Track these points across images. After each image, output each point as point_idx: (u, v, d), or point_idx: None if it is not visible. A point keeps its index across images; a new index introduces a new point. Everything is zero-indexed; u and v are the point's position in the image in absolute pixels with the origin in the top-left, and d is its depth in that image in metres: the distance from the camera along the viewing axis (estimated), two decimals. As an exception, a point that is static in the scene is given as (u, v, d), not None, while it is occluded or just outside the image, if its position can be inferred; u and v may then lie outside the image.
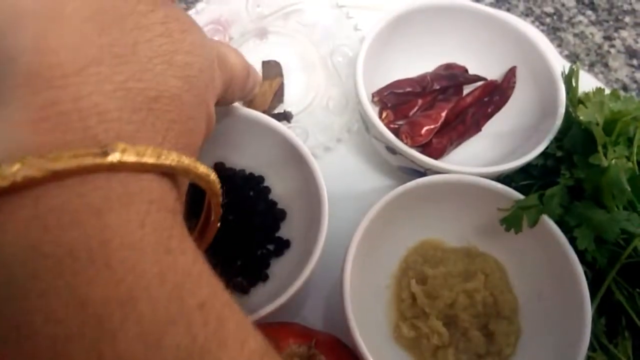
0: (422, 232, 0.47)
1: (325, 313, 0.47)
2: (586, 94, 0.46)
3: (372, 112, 0.46)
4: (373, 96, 0.50)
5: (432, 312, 0.43)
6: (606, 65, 0.59)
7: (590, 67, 0.59)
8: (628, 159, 0.42)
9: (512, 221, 0.42)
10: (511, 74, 0.51)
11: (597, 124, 0.41)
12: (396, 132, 0.48)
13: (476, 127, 0.51)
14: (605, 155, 0.41)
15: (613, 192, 0.40)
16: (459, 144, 0.50)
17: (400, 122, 0.50)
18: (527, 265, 0.44)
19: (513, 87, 0.51)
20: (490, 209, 0.43)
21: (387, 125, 0.48)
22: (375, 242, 0.43)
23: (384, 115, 0.50)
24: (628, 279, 0.41)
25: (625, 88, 0.58)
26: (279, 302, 0.38)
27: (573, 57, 0.59)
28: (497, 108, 0.51)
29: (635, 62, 0.59)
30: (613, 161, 0.40)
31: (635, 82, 0.58)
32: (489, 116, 0.51)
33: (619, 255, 0.41)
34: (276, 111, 0.52)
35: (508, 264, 0.45)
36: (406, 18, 0.50)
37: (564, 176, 0.42)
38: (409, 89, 0.51)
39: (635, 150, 0.43)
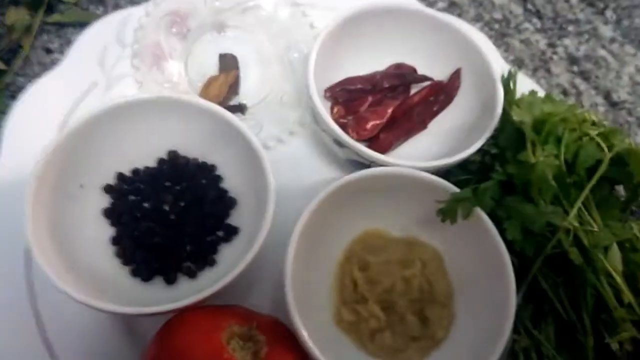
0: (367, 222, 0.49)
1: (273, 298, 0.48)
2: (522, 96, 0.49)
3: (321, 106, 0.48)
4: (325, 92, 0.52)
5: (371, 297, 0.45)
6: (548, 70, 0.63)
7: (534, 71, 0.62)
8: (557, 157, 0.45)
9: (447, 212, 0.44)
10: (456, 76, 0.54)
11: (527, 124, 0.44)
12: (345, 127, 0.50)
13: (422, 125, 0.53)
14: (534, 153, 0.44)
15: (540, 187, 0.43)
16: (405, 140, 0.53)
17: (351, 117, 0.52)
18: (461, 254, 0.47)
19: (457, 89, 0.54)
20: (430, 201, 0.46)
21: (337, 120, 0.50)
22: (321, 230, 0.45)
23: (335, 110, 0.52)
24: (553, 268, 0.44)
25: (565, 92, 0.61)
26: (222, 284, 0.40)
27: (518, 62, 0.62)
28: (442, 107, 0.54)
29: (575, 68, 0.63)
30: (541, 158, 0.43)
31: (575, 87, 0.62)
32: (434, 114, 0.54)
33: (545, 246, 0.44)
34: (231, 103, 0.54)
35: (445, 253, 0.48)
36: (359, 18, 0.52)
37: (497, 172, 0.45)
38: (359, 86, 0.53)
39: (563, 149, 0.46)
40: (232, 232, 0.47)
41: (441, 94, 0.54)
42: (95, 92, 0.53)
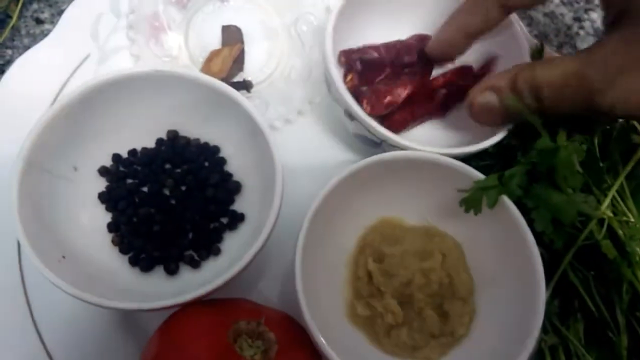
0: (382, 210, 0.46)
1: (281, 289, 0.46)
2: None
3: (336, 70, 0.43)
4: (340, 55, 0.48)
5: (387, 290, 0.42)
6: (574, 46, 0.59)
7: (559, 47, 0.58)
8: (588, 140, 0.42)
9: (471, 202, 0.41)
10: (492, 64, 0.49)
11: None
12: (360, 97, 0.46)
13: (444, 110, 0.49)
14: (553, 139, 0.40)
15: (565, 174, 0.40)
16: (422, 122, 0.49)
17: (365, 88, 0.48)
18: (485, 246, 0.43)
19: None
20: (451, 188, 0.42)
21: (350, 88, 0.45)
22: (333, 218, 0.42)
23: (348, 77, 0.48)
24: (583, 261, 0.41)
25: (591, 71, 0.57)
26: (227, 276, 0.36)
27: (542, 37, 0.58)
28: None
29: (602, 45, 0.59)
30: (564, 142, 0.40)
31: (602, 65, 0.58)
32: (458, 101, 0.50)
33: (576, 237, 0.40)
34: (235, 79, 0.50)
35: (466, 244, 0.44)
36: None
37: (519, 161, 0.41)
38: (376, 55, 0.48)
39: (597, 131, 0.42)
40: (237, 219, 0.44)
41: (469, 80, 0.49)
42: (88, 65, 0.49)
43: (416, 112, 0.48)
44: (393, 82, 0.47)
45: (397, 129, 0.47)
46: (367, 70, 0.48)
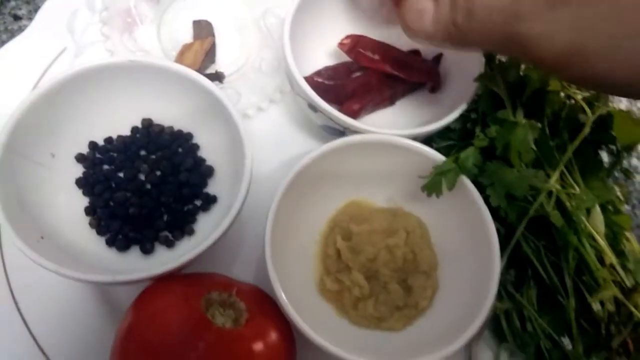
0: (351, 193, 0.48)
1: (257, 271, 0.48)
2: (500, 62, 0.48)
3: (296, 68, 0.45)
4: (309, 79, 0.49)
5: (354, 266, 0.44)
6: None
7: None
8: (540, 120, 0.45)
9: (432, 187, 0.43)
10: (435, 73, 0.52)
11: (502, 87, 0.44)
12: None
13: (390, 102, 0.52)
14: (514, 114, 0.43)
15: (520, 150, 0.42)
16: (375, 109, 0.52)
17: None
18: (448, 224, 0.46)
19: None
20: (414, 170, 0.44)
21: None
22: (302, 201, 0.44)
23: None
24: (535, 232, 0.44)
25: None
26: (197, 251, 0.38)
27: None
28: (413, 89, 0.53)
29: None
30: (523, 121, 0.43)
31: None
32: (404, 94, 0.52)
33: (528, 210, 0.43)
34: (208, 71, 0.52)
35: (432, 223, 0.47)
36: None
37: (477, 137, 0.44)
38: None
39: (547, 111, 0.45)
40: (210, 201, 0.46)
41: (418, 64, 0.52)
42: (64, 58, 0.50)
43: (373, 100, 0.50)
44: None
45: (353, 115, 0.49)
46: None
